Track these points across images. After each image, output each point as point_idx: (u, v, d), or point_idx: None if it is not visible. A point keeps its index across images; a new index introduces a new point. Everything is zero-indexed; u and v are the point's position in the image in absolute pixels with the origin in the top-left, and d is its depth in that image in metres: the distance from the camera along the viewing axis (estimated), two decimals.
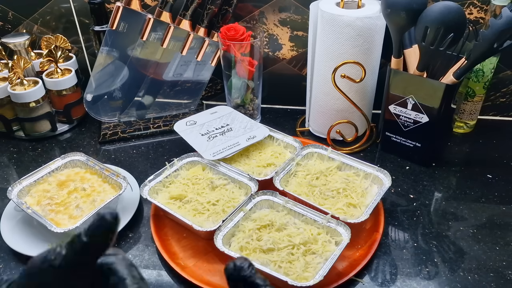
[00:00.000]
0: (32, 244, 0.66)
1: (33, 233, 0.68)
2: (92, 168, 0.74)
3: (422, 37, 0.68)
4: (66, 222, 0.65)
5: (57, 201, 0.68)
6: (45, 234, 0.66)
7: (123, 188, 0.69)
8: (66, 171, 0.74)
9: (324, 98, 0.85)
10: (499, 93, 0.91)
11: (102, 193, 0.71)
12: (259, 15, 0.90)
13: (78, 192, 0.70)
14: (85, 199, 0.69)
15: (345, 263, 0.63)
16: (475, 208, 0.72)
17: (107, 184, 0.72)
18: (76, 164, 0.75)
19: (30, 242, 0.66)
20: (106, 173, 0.72)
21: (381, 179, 0.71)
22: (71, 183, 0.72)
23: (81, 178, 0.73)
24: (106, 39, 0.86)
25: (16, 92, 0.86)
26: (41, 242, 0.66)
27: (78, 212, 0.67)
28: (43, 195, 0.69)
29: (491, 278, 0.61)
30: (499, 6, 0.75)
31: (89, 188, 0.71)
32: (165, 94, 0.96)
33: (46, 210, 0.66)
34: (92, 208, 0.67)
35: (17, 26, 0.99)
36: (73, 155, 0.75)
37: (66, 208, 0.67)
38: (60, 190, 0.70)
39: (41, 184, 0.72)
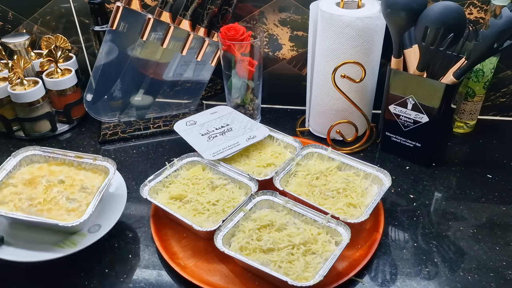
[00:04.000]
0: (35, 249, 0.61)
1: (28, 240, 0.62)
2: (56, 159, 0.69)
3: (422, 37, 0.68)
4: (68, 216, 0.61)
5: (39, 200, 0.63)
6: (41, 236, 0.63)
7: (112, 170, 0.66)
8: (26, 169, 0.68)
9: (324, 98, 0.85)
10: (499, 93, 0.91)
11: (87, 180, 0.66)
12: (259, 15, 0.90)
13: (56, 186, 0.65)
14: (72, 189, 0.64)
15: (345, 263, 0.63)
16: (475, 208, 0.72)
17: (84, 171, 0.67)
18: (33, 160, 0.69)
19: (30, 249, 0.61)
20: (79, 160, 0.67)
21: (381, 179, 0.71)
22: (41, 179, 0.66)
23: (50, 172, 0.67)
24: (106, 39, 0.86)
25: (16, 92, 0.86)
26: (40, 245, 0.62)
27: (73, 204, 0.63)
28: (17, 199, 0.63)
29: (491, 278, 0.61)
30: (499, 6, 0.75)
31: (68, 178, 0.66)
32: (165, 94, 0.96)
33: (33, 212, 0.61)
34: (88, 195, 0.64)
35: (17, 26, 0.99)
36: (25, 151, 0.69)
37: (56, 204, 0.63)
38: (32, 189, 0.64)
39: (4, 188, 0.65)
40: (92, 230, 0.63)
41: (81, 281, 0.62)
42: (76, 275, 0.62)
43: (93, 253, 0.65)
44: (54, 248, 0.61)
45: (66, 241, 0.62)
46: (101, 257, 0.65)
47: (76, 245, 0.61)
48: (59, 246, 0.61)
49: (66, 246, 0.61)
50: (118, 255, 0.66)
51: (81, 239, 0.62)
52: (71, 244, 0.61)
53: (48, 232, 0.63)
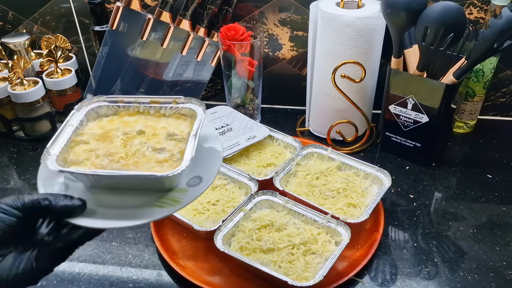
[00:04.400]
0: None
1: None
2: (128, 109, 0.56)
3: (422, 37, 0.68)
4: (161, 168, 0.49)
5: (120, 155, 0.51)
6: (129, 199, 0.50)
7: (201, 111, 0.54)
8: (94, 124, 0.56)
9: (324, 98, 0.85)
10: (499, 93, 0.91)
11: (171, 127, 0.54)
12: (259, 15, 0.90)
13: (136, 137, 0.53)
14: (155, 139, 0.53)
15: (345, 263, 0.63)
16: (475, 208, 0.72)
17: (165, 118, 0.56)
18: (99, 113, 0.57)
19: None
20: (155, 106, 0.56)
21: (381, 179, 0.71)
22: (115, 133, 0.54)
23: (124, 124, 0.55)
24: (106, 39, 0.86)
25: (16, 92, 0.86)
26: (131, 209, 0.50)
27: (163, 153, 0.51)
28: (93, 156, 0.51)
29: (491, 278, 0.61)
30: (499, 6, 0.75)
31: (147, 128, 0.54)
32: (165, 94, 0.96)
33: (117, 168, 0.49)
34: (178, 142, 0.52)
35: (17, 26, 0.99)
36: (89, 103, 0.56)
37: (142, 156, 0.51)
38: (108, 144, 0.52)
39: (74, 147, 0.53)
40: (191, 183, 0.51)
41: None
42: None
43: (93, 253, 0.65)
44: (153, 208, 0.48)
45: (164, 199, 0.49)
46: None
47: (179, 202, 0.48)
48: (158, 206, 0.49)
49: (166, 204, 0.49)
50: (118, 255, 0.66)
51: (182, 195, 0.49)
52: (173, 202, 0.49)
53: (136, 193, 0.51)
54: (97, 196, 0.50)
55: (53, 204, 0.44)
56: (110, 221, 0.47)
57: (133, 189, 0.51)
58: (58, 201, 0.44)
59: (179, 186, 0.50)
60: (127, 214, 0.48)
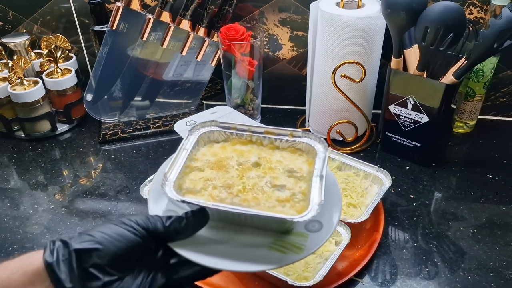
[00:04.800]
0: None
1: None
2: (241, 137, 0.54)
3: (422, 37, 0.68)
4: (282, 208, 0.46)
5: (238, 188, 0.48)
6: (243, 237, 0.47)
7: (321, 149, 0.51)
8: (206, 150, 0.54)
9: (324, 98, 0.85)
10: (499, 93, 0.91)
11: (287, 162, 0.52)
12: (259, 15, 0.90)
13: (252, 169, 0.50)
14: (272, 173, 0.50)
15: (345, 263, 0.63)
16: (475, 208, 0.72)
17: (279, 151, 0.53)
18: (211, 138, 0.55)
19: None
20: (270, 137, 0.54)
21: (381, 179, 0.71)
22: (229, 161, 0.52)
23: (237, 153, 0.53)
24: (106, 39, 0.86)
25: (16, 92, 0.86)
26: (246, 248, 0.46)
27: (284, 192, 0.48)
28: (210, 186, 0.49)
29: (491, 278, 0.61)
30: (499, 6, 0.75)
31: (262, 160, 0.52)
32: (165, 94, 0.96)
33: (236, 202, 0.46)
34: (298, 181, 0.49)
35: (17, 26, 0.99)
36: (202, 126, 0.55)
37: (262, 192, 0.48)
38: (224, 174, 0.50)
39: (189, 173, 0.51)
40: (311, 228, 0.47)
41: None
42: None
43: None
44: (272, 253, 0.45)
45: (283, 243, 0.46)
46: None
47: (301, 249, 0.45)
48: (277, 250, 0.45)
49: (287, 250, 0.45)
50: None
51: (303, 240, 0.46)
52: (294, 248, 0.45)
53: (252, 231, 0.47)
54: (209, 229, 0.47)
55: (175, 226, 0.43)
56: (225, 261, 0.44)
57: (248, 226, 0.48)
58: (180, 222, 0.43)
59: (296, 229, 0.47)
60: (242, 255, 0.45)
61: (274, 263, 0.44)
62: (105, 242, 0.40)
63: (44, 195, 0.78)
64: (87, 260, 0.39)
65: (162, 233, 0.42)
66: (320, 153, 0.50)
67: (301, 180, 0.49)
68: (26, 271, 0.39)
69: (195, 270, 0.44)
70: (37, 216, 0.73)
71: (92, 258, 0.39)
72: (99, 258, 0.39)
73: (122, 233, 0.41)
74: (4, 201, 0.76)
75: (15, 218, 0.73)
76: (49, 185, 0.80)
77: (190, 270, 0.44)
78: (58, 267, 0.38)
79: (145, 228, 0.42)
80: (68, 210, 0.74)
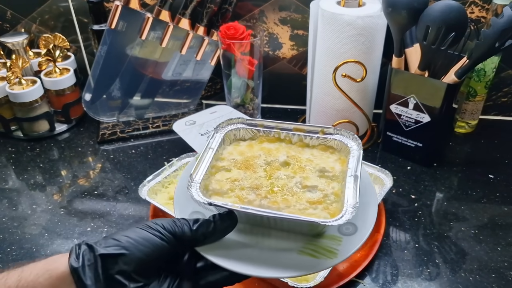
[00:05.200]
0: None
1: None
2: (268, 134, 0.53)
3: (423, 36, 0.68)
4: (314, 211, 0.44)
5: (266, 189, 0.46)
6: (271, 241, 0.45)
7: (355, 146, 0.48)
8: (232, 148, 0.52)
9: (324, 98, 0.85)
10: (501, 93, 0.91)
11: (318, 160, 0.49)
12: (259, 14, 0.90)
13: (280, 169, 0.49)
14: (302, 173, 0.48)
15: (346, 264, 0.62)
16: (477, 209, 0.72)
17: (309, 149, 0.52)
18: (237, 136, 0.53)
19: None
20: (300, 134, 0.52)
21: (382, 179, 0.70)
22: (256, 161, 0.50)
23: (264, 152, 0.51)
24: (105, 38, 0.85)
25: (14, 91, 0.85)
26: (275, 252, 0.44)
27: (315, 193, 0.45)
28: (238, 187, 0.47)
29: (493, 279, 0.60)
30: (501, 5, 0.75)
31: (291, 159, 0.50)
32: (164, 94, 0.95)
33: (265, 204, 0.45)
34: (331, 181, 0.47)
35: (16, 25, 0.99)
36: (227, 124, 0.53)
37: (292, 193, 0.46)
38: (252, 174, 0.48)
39: (216, 173, 0.49)
40: (345, 232, 0.45)
41: None
42: None
43: None
44: (304, 257, 0.43)
45: (315, 247, 0.44)
46: None
47: (335, 253, 0.43)
48: (308, 254, 0.43)
49: (320, 255, 0.43)
50: None
51: (336, 244, 0.44)
52: (327, 253, 0.43)
53: (282, 234, 0.45)
54: (236, 232, 0.45)
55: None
56: (253, 267, 0.42)
57: (277, 229, 0.45)
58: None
59: (328, 232, 0.45)
60: (272, 259, 0.43)
61: (306, 269, 0.42)
62: (131, 247, 0.39)
63: (42, 196, 0.77)
64: (113, 267, 0.39)
65: (189, 238, 0.41)
66: (354, 151, 0.48)
67: (334, 181, 0.47)
68: (52, 275, 0.38)
69: (223, 275, 0.43)
70: (35, 216, 0.73)
71: (118, 264, 0.39)
72: (125, 264, 0.39)
73: (148, 237, 0.40)
74: (2, 201, 0.76)
75: (13, 219, 0.72)
76: (48, 186, 0.79)
77: (217, 275, 0.43)
78: (84, 272, 0.38)
79: (172, 233, 0.41)
80: (66, 211, 0.74)
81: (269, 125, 0.53)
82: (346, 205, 0.41)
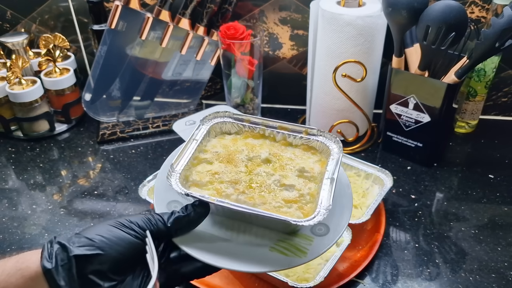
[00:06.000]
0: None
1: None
2: (253, 130, 0.53)
3: (423, 36, 0.68)
4: (289, 209, 0.45)
5: (244, 185, 0.47)
6: (247, 236, 0.46)
7: (336, 149, 0.49)
8: (217, 141, 0.53)
9: (324, 98, 0.85)
10: (501, 93, 0.91)
11: (299, 160, 0.50)
12: (259, 13, 0.90)
13: (261, 165, 0.49)
14: (282, 171, 0.48)
15: (346, 264, 0.62)
16: (477, 209, 0.72)
17: (292, 148, 0.52)
18: (223, 129, 0.54)
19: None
20: (284, 132, 0.52)
21: (382, 179, 0.70)
22: (238, 155, 0.50)
23: (248, 147, 0.51)
24: (105, 38, 0.85)
25: (14, 91, 0.85)
26: (248, 246, 0.45)
27: (292, 192, 0.46)
28: (217, 181, 0.47)
29: (493, 279, 0.60)
30: (501, 5, 0.75)
31: (273, 157, 0.50)
32: (164, 94, 0.95)
33: (242, 200, 0.45)
34: (308, 182, 0.47)
35: (16, 25, 0.99)
36: (214, 117, 0.54)
37: (269, 190, 0.46)
38: (233, 168, 0.49)
39: (197, 165, 0.49)
40: (317, 232, 0.46)
41: None
42: None
43: None
44: (274, 254, 0.44)
45: (286, 245, 0.45)
46: None
47: (305, 253, 0.44)
48: (278, 251, 0.44)
49: (290, 252, 0.44)
50: None
51: (307, 244, 0.45)
52: (298, 251, 0.44)
53: (255, 228, 0.46)
54: (211, 222, 0.46)
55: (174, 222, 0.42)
56: (225, 260, 0.43)
57: (253, 224, 0.46)
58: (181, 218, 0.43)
59: (302, 231, 0.46)
60: (244, 254, 0.44)
61: (275, 266, 0.43)
62: (105, 248, 0.39)
63: (42, 196, 0.77)
64: (87, 267, 0.38)
65: (164, 233, 0.42)
66: (334, 154, 0.49)
67: (311, 181, 0.48)
68: (24, 274, 0.38)
69: (196, 266, 0.44)
70: (35, 216, 0.73)
71: (93, 265, 0.38)
72: (99, 264, 0.38)
73: (123, 236, 0.40)
74: (2, 201, 0.76)
75: (13, 219, 0.72)
76: (48, 185, 0.79)
77: (191, 266, 0.44)
78: (57, 273, 0.38)
79: (146, 231, 0.41)
80: (66, 211, 0.74)
81: (255, 121, 0.53)
82: (320, 207, 0.42)
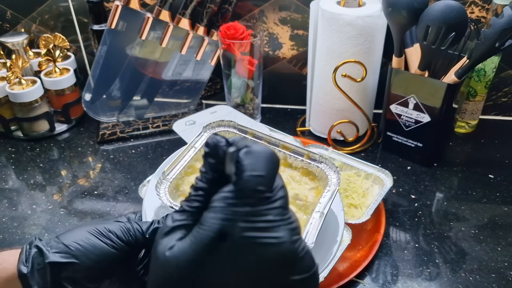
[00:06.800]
0: None
1: None
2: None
3: (423, 36, 0.68)
4: None
5: None
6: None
7: (335, 180, 0.48)
8: None
9: (324, 98, 0.85)
10: (501, 93, 0.91)
11: (295, 181, 0.49)
12: (259, 13, 0.90)
13: None
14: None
15: (346, 264, 0.62)
16: (477, 209, 0.72)
17: (290, 169, 0.51)
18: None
19: None
20: (285, 152, 0.51)
21: (382, 179, 0.70)
22: None
23: None
24: (105, 38, 0.85)
25: (14, 91, 0.85)
26: None
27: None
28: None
29: (493, 279, 0.60)
30: (501, 5, 0.75)
31: None
32: (164, 94, 0.95)
33: None
34: (298, 210, 0.47)
35: (16, 25, 0.99)
36: (219, 124, 0.52)
37: None
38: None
39: (190, 174, 0.48)
40: None
41: None
42: None
43: None
44: None
45: None
46: None
47: None
48: None
49: None
50: None
51: None
52: None
53: None
54: None
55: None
56: None
57: None
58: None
59: None
60: None
61: None
62: (81, 256, 0.39)
63: (42, 196, 0.77)
64: (62, 274, 0.38)
65: (142, 243, 0.41)
66: (332, 185, 0.47)
67: (302, 211, 0.46)
68: (1, 276, 0.38)
69: None
70: (35, 216, 0.73)
71: (68, 271, 0.38)
72: (74, 272, 0.38)
73: (100, 246, 0.39)
74: (2, 201, 0.76)
75: (13, 219, 0.72)
76: (48, 185, 0.79)
77: None
78: (32, 278, 0.38)
79: (124, 242, 0.40)
80: (66, 211, 0.74)
81: (259, 136, 0.51)
82: (307, 242, 0.41)
